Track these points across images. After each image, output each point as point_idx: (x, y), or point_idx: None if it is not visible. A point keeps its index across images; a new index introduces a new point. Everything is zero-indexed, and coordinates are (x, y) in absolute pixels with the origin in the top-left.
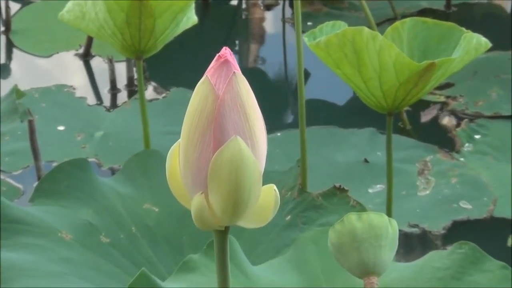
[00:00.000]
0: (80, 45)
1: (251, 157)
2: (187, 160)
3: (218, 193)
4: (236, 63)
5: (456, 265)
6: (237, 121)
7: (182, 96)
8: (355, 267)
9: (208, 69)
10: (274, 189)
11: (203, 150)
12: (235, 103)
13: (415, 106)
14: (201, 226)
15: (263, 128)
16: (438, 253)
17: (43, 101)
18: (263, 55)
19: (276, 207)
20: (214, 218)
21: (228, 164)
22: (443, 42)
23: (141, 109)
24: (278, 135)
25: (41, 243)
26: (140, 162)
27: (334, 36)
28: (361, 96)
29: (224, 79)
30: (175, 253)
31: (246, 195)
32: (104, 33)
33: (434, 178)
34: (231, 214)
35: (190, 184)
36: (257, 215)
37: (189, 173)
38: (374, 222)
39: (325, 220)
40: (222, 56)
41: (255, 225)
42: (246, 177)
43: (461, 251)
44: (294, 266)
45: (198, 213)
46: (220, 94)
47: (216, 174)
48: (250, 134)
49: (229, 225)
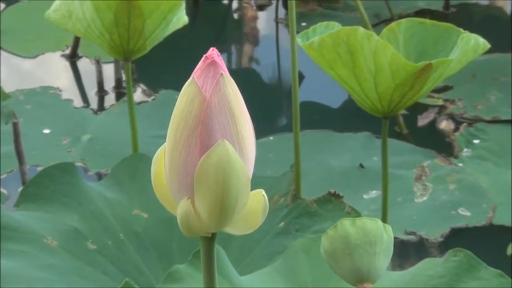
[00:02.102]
0: (67, 45)
1: (239, 161)
2: (173, 164)
3: (204, 199)
4: (224, 64)
5: (450, 273)
6: (225, 124)
7: (171, 98)
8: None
9: (194, 70)
10: (263, 195)
11: (189, 154)
12: (223, 106)
13: (412, 110)
14: (187, 233)
15: (252, 131)
16: (432, 261)
17: (28, 103)
18: (255, 56)
19: (265, 213)
20: (200, 224)
21: (215, 168)
22: (440, 43)
23: (129, 112)
24: (271, 139)
25: (25, 249)
26: (129, 166)
27: (327, 36)
28: (355, 98)
29: (211, 80)
30: (164, 260)
31: (233, 200)
32: (91, 33)
33: (432, 184)
34: (218, 220)
35: (176, 189)
36: (245, 221)
37: (175, 178)
38: (368, 228)
39: (319, 227)
40: (209, 57)
41: (243, 232)
42: (234, 182)
43: (456, 258)
44: (283, 276)
45: (184, 219)
46: (207, 96)
47: (202, 179)
48: (237, 137)
49: (216, 232)
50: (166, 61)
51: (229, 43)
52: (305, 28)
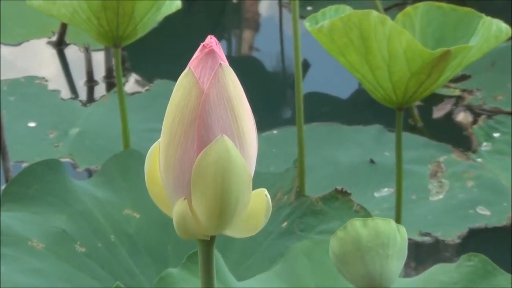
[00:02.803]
0: (53, 32)
1: (239, 158)
2: (168, 162)
3: (202, 199)
4: (223, 53)
5: (464, 279)
6: (224, 119)
7: (166, 89)
8: (360, 279)
9: (191, 60)
10: (265, 194)
11: (185, 151)
12: (222, 98)
13: (427, 101)
14: (183, 236)
15: (253, 126)
16: (445, 266)
17: (12, 95)
18: (257, 43)
19: (268, 214)
20: (198, 227)
21: (214, 166)
22: (459, 29)
23: (120, 104)
24: (274, 133)
25: (9, 252)
26: (120, 163)
27: (338, 20)
28: (368, 88)
29: (209, 71)
30: (159, 264)
31: (233, 201)
32: (78, 18)
33: (448, 181)
34: (217, 222)
35: (172, 189)
36: (246, 223)
37: (171, 177)
38: (380, 229)
39: (325, 226)
40: (207, 46)
41: (244, 235)
42: (234, 181)
43: (470, 263)
44: (284, 282)
45: (181, 221)
46: (204, 88)
47: (200, 177)
48: (238, 133)
49: (215, 235)
50: (161, 49)
51: (228, 29)
52: (311, 13)
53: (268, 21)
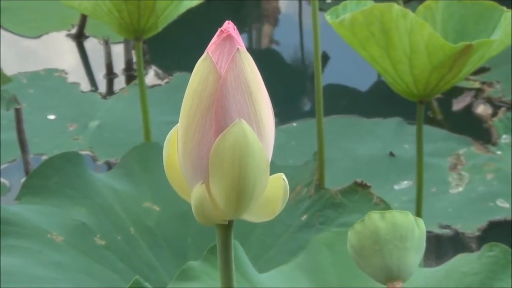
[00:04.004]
0: (73, 24)
1: (257, 142)
2: (186, 147)
3: (220, 183)
4: (241, 39)
5: (486, 269)
6: (241, 103)
7: (186, 81)
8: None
9: (209, 45)
10: (283, 179)
11: (203, 136)
12: (239, 83)
13: (447, 93)
14: (202, 220)
15: (271, 111)
16: (466, 257)
17: (32, 87)
18: (277, 36)
19: (285, 198)
20: (216, 211)
21: (231, 150)
22: (481, 22)
23: (141, 96)
24: (293, 125)
25: (28, 245)
26: (139, 155)
27: (360, 13)
28: (388, 81)
29: (226, 56)
30: (178, 257)
31: (251, 185)
32: (99, 11)
33: (468, 174)
34: (235, 207)
35: (190, 174)
36: (263, 207)
37: (189, 162)
38: (398, 222)
39: (345, 219)
40: (225, 31)
41: (262, 219)
42: (251, 165)
43: (491, 254)
44: (305, 273)
45: (199, 206)
46: (222, 73)
47: (218, 162)
48: (255, 117)
49: (233, 219)
50: (180, 42)
51: (248, 22)
52: (331, 5)
53: (288, 13)
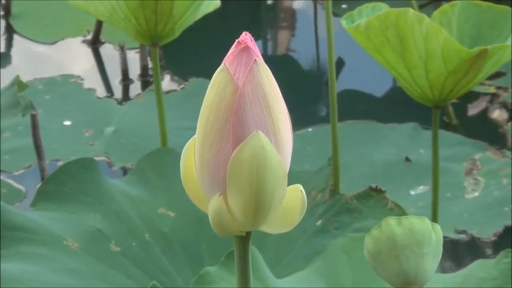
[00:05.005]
0: (88, 30)
1: (275, 154)
2: (204, 158)
3: (238, 195)
4: (258, 49)
5: (503, 275)
6: (259, 115)
7: (202, 87)
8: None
9: (226, 57)
10: (300, 190)
11: (221, 147)
12: (257, 95)
13: (462, 98)
14: (219, 232)
15: (288, 122)
16: (484, 262)
17: (48, 93)
18: (292, 41)
19: (303, 210)
20: (234, 223)
21: (249, 162)
22: (496, 27)
23: (157, 102)
24: (309, 130)
25: (44, 252)
26: (155, 161)
27: (375, 19)
28: (404, 86)
29: (244, 67)
30: (194, 263)
31: (269, 196)
32: (116, 17)
33: (484, 179)
34: (253, 218)
35: (207, 185)
36: (281, 219)
37: (206, 173)
38: (415, 228)
39: (360, 225)
40: (242, 42)
41: (280, 230)
42: (269, 177)
43: (509, 260)
44: (322, 279)
45: (216, 217)
46: (239, 84)
47: (235, 173)
48: (273, 129)
49: (251, 231)
50: (196, 47)
51: (263, 27)
52: (346, 10)
53: (303, 19)
